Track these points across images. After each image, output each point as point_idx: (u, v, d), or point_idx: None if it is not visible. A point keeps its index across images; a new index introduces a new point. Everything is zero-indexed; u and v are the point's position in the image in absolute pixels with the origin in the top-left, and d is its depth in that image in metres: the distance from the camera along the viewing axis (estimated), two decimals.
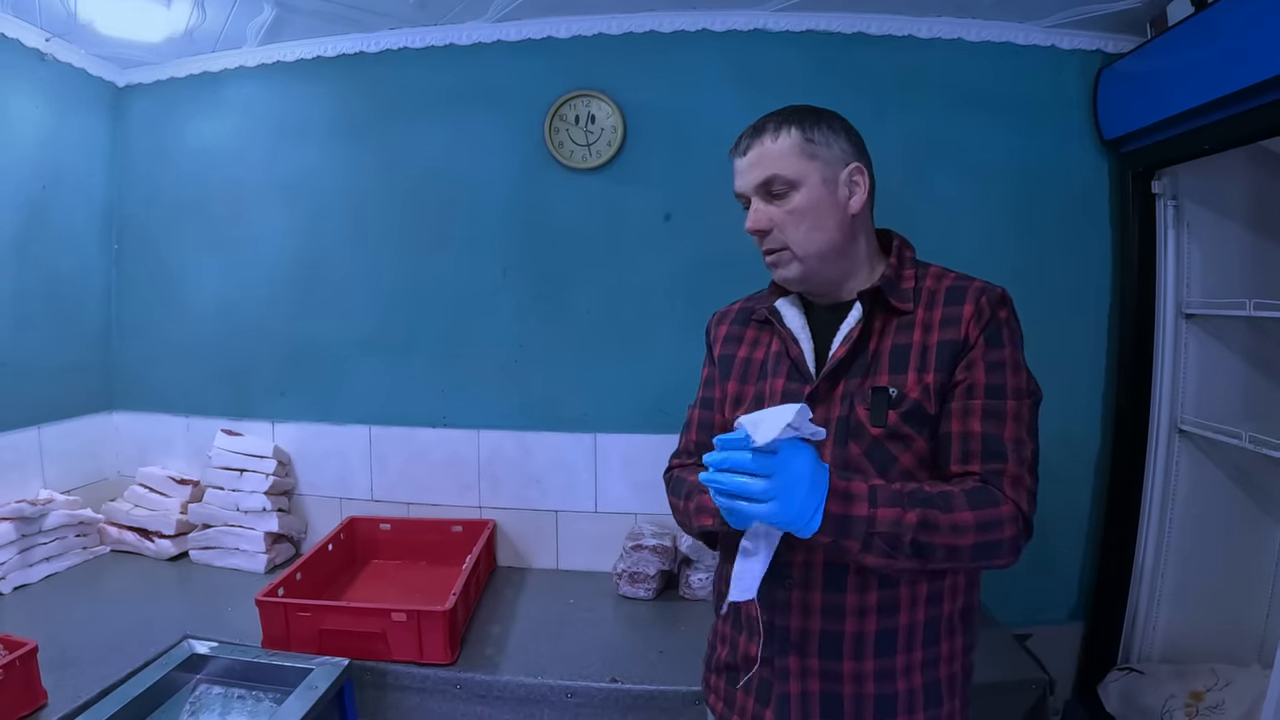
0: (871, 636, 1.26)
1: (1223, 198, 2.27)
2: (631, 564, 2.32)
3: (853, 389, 1.27)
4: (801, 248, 1.29)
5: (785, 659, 1.29)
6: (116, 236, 2.81)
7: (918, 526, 1.10)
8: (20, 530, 2.28)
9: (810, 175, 1.28)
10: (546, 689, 1.87)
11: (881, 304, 1.30)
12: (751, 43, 2.40)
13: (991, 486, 1.18)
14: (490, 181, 2.53)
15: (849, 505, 1.09)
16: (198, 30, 2.49)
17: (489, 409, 2.58)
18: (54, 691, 1.68)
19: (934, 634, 1.29)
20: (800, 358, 1.33)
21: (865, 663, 1.26)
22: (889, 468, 1.24)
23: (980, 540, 1.13)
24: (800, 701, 1.28)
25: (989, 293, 1.28)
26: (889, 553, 1.12)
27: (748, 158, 1.31)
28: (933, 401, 1.24)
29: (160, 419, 2.79)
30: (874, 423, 1.24)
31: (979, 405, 1.22)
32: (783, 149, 1.28)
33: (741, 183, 1.33)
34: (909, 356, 1.26)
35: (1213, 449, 2.30)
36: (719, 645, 1.45)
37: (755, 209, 1.31)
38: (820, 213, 1.29)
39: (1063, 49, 2.38)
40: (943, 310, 1.28)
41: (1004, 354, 1.25)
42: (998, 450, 1.21)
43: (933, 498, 1.13)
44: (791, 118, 1.30)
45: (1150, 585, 2.36)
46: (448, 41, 2.51)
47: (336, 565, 2.43)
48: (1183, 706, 2.09)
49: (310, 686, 1.74)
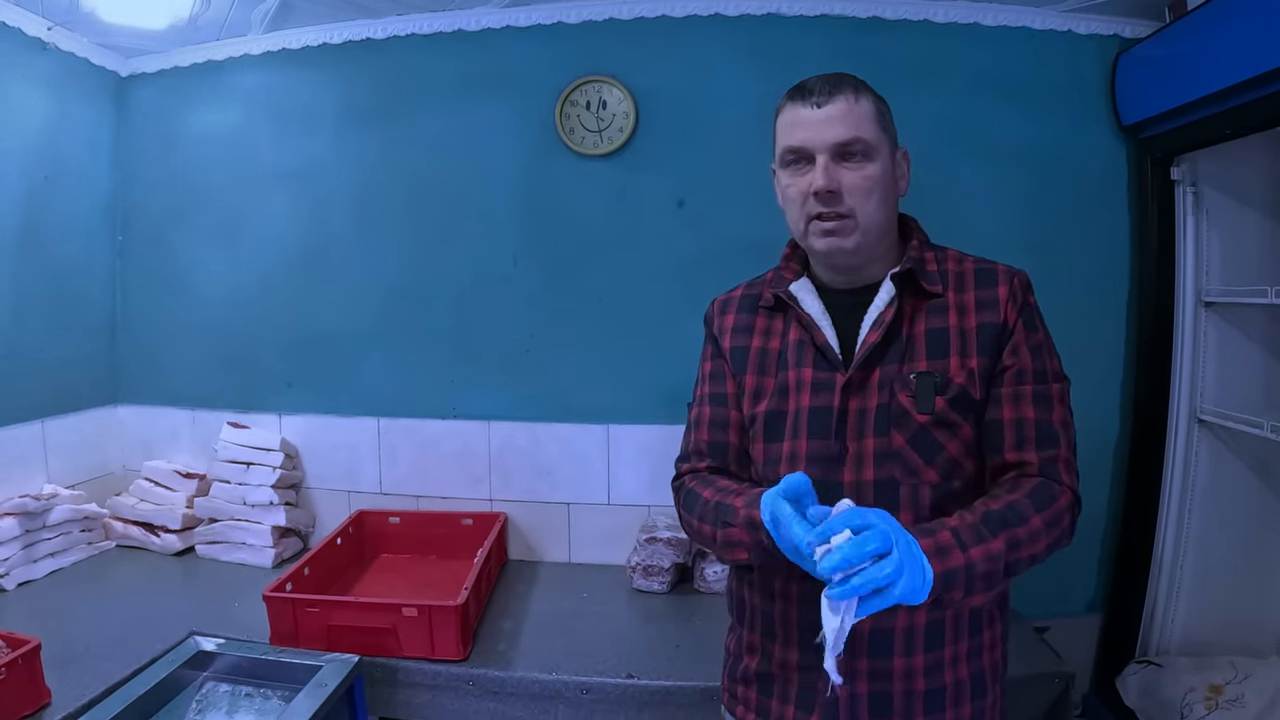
0: (921, 629, 1.22)
1: (1242, 184, 2.24)
2: (645, 557, 2.30)
3: (891, 375, 1.23)
4: (866, 219, 1.23)
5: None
6: (120, 228, 2.78)
7: (1007, 550, 1.07)
8: (24, 526, 2.25)
9: (883, 147, 1.24)
10: (561, 685, 1.84)
11: (911, 287, 1.26)
12: (765, 27, 2.37)
13: (1048, 479, 1.17)
14: (500, 169, 2.50)
15: (946, 560, 1.02)
16: (201, 18, 2.46)
17: (499, 400, 2.55)
18: (58, 689, 1.66)
19: (977, 622, 1.26)
20: (826, 344, 1.28)
21: (915, 658, 1.23)
22: (935, 456, 1.21)
23: (1050, 538, 1.13)
24: (849, 704, 1.24)
25: (1018, 276, 1.26)
26: (988, 587, 1.09)
27: (825, 110, 1.21)
28: (978, 387, 1.21)
29: (166, 412, 2.76)
30: (921, 409, 1.21)
31: (1029, 390, 1.20)
32: (865, 112, 1.23)
33: (812, 135, 1.22)
34: (948, 341, 1.23)
35: (1233, 439, 2.27)
36: (745, 655, 1.39)
37: (828, 168, 1.21)
38: (888, 188, 1.25)
39: (1080, 34, 2.35)
40: (975, 293, 1.25)
41: (1041, 337, 1.24)
42: (1051, 435, 1.20)
43: (1006, 516, 1.10)
44: (865, 84, 1.25)
45: (1169, 577, 2.33)
46: (456, 27, 2.48)
47: (345, 559, 2.40)
48: (1202, 700, 2.08)
49: (320, 684, 1.71)
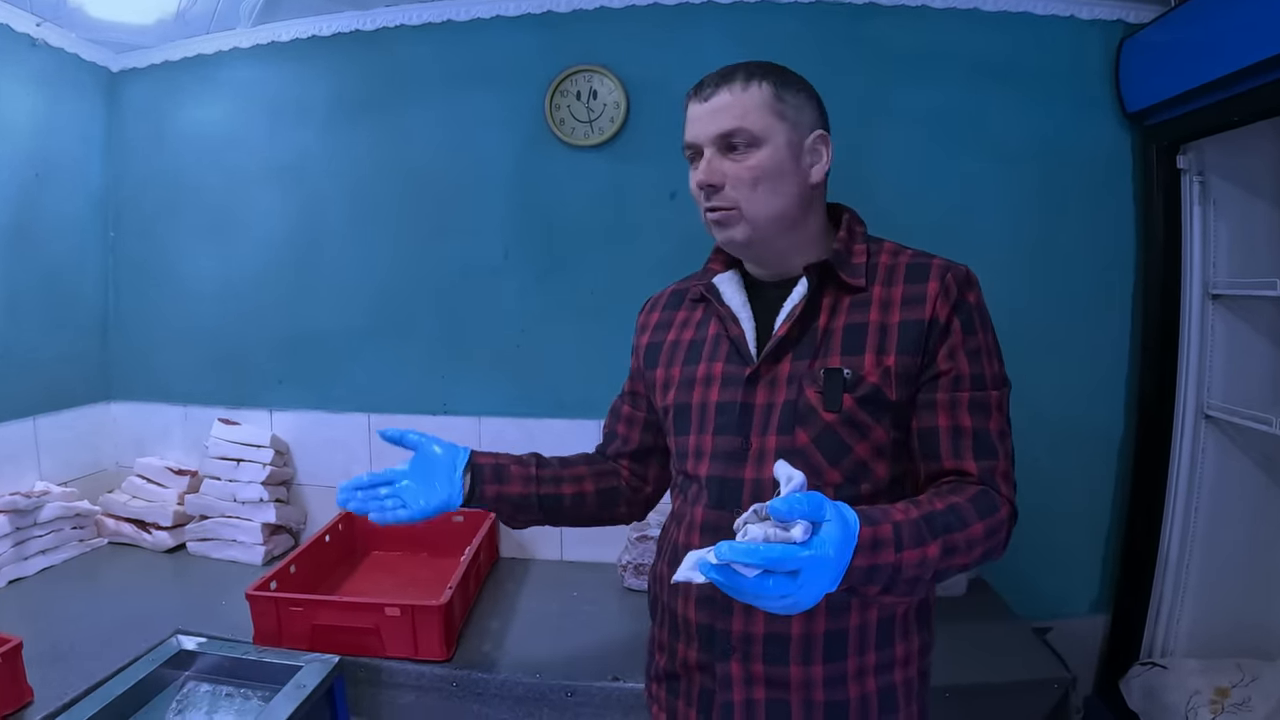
0: (820, 638, 1.18)
1: (1251, 173, 2.19)
2: (636, 555, 2.28)
3: (801, 371, 1.20)
4: (754, 210, 1.20)
5: (727, 664, 1.22)
6: (112, 224, 2.77)
7: (940, 558, 1.02)
8: (15, 523, 2.24)
9: (776, 135, 1.19)
10: (545, 688, 1.81)
11: (831, 279, 1.23)
12: (758, 15, 2.33)
13: (989, 489, 1.12)
14: (490, 160, 2.48)
15: (875, 555, 0.96)
16: (189, 12, 2.45)
17: (490, 395, 2.53)
18: (41, 688, 1.65)
19: (887, 635, 1.21)
20: (741, 338, 1.26)
21: (814, 667, 1.19)
22: (841, 458, 1.17)
23: (986, 547, 1.08)
24: (744, 710, 1.21)
25: (954, 270, 1.20)
26: (908, 592, 1.05)
27: (710, 104, 1.20)
28: (894, 387, 1.17)
29: (158, 408, 2.75)
30: (828, 407, 1.17)
31: (965, 398, 1.16)
32: (753, 101, 1.19)
33: (697, 130, 1.22)
34: (865, 337, 1.19)
35: (1240, 435, 2.23)
36: (657, 653, 1.38)
37: (709, 161, 1.21)
38: (780, 176, 1.20)
39: (1082, 19, 2.30)
40: (903, 288, 1.20)
41: (980, 340, 1.18)
42: (989, 446, 1.16)
43: (949, 519, 1.05)
44: (764, 71, 1.21)
45: (1175, 577, 2.30)
46: (445, 18, 2.45)
47: (334, 557, 2.39)
48: (1208, 703, 2.03)
49: (298, 685, 1.69)
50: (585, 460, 1.54)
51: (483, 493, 1.42)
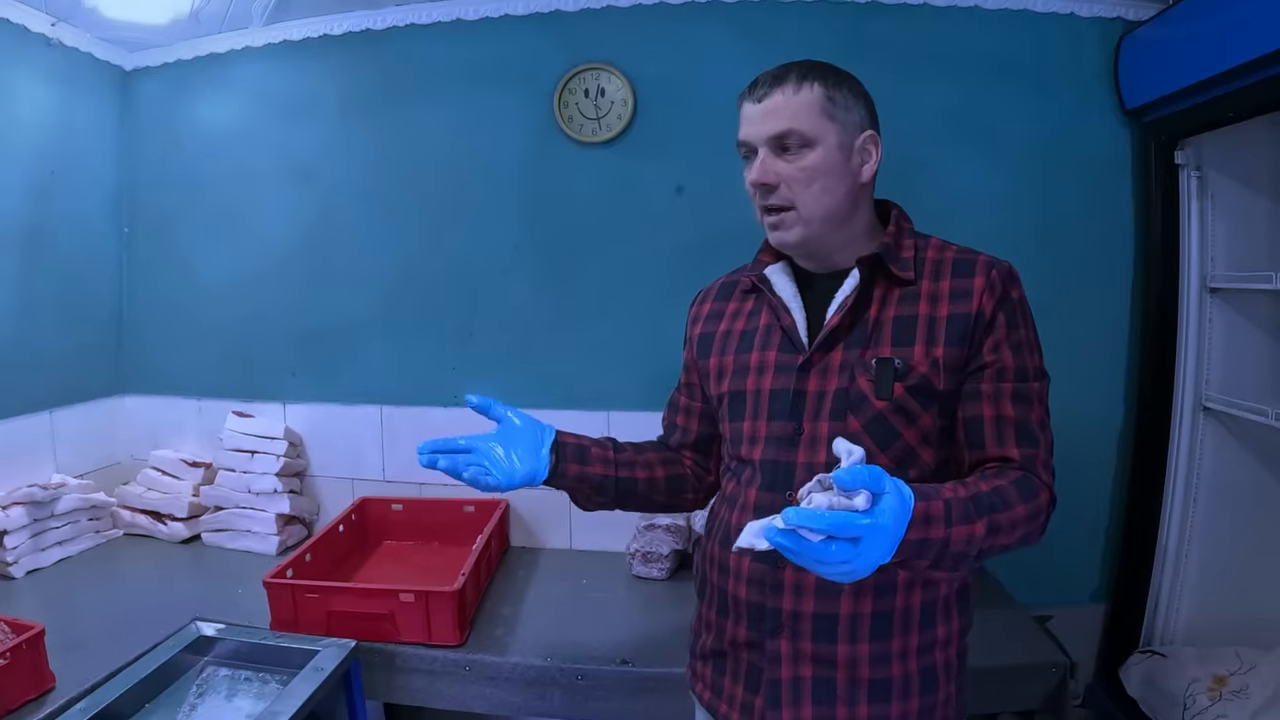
0: (867, 619, 1.22)
1: (1248, 168, 2.21)
2: (645, 544, 2.31)
3: (852, 360, 1.24)
4: (809, 209, 1.24)
5: (776, 642, 1.26)
6: (126, 220, 2.81)
7: (985, 536, 1.07)
8: (32, 514, 2.28)
9: (828, 136, 1.23)
10: (556, 671, 1.85)
11: (881, 272, 1.27)
12: (762, 12, 2.35)
13: (1030, 474, 1.17)
14: (499, 157, 2.51)
15: (928, 529, 1.01)
16: (203, 11, 2.48)
17: (501, 387, 2.51)
18: (62, 675, 1.68)
19: (930, 617, 1.26)
20: (792, 327, 1.30)
21: (860, 646, 1.23)
22: (890, 443, 1.21)
23: (1026, 531, 1.13)
24: (791, 687, 1.25)
25: (998, 267, 1.24)
26: (954, 567, 1.09)
27: (763, 105, 1.24)
28: (941, 377, 1.21)
29: (172, 402, 2.79)
30: (879, 394, 1.21)
31: (1009, 389, 1.20)
32: (805, 103, 1.23)
33: (752, 131, 1.26)
34: (915, 329, 1.23)
35: (1238, 427, 2.25)
36: (704, 632, 1.42)
37: (763, 161, 1.24)
38: (833, 176, 1.24)
39: (1082, 16, 2.33)
40: (950, 282, 1.24)
41: (1022, 334, 1.23)
42: (1031, 435, 1.20)
43: (994, 500, 1.10)
44: (815, 72, 1.25)
45: (1174, 566, 2.32)
46: (454, 16, 2.48)
47: (348, 546, 2.42)
48: (1206, 690, 2.06)
49: (316, 668, 1.74)
50: (654, 447, 1.57)
51: (565, 470, 1.44)
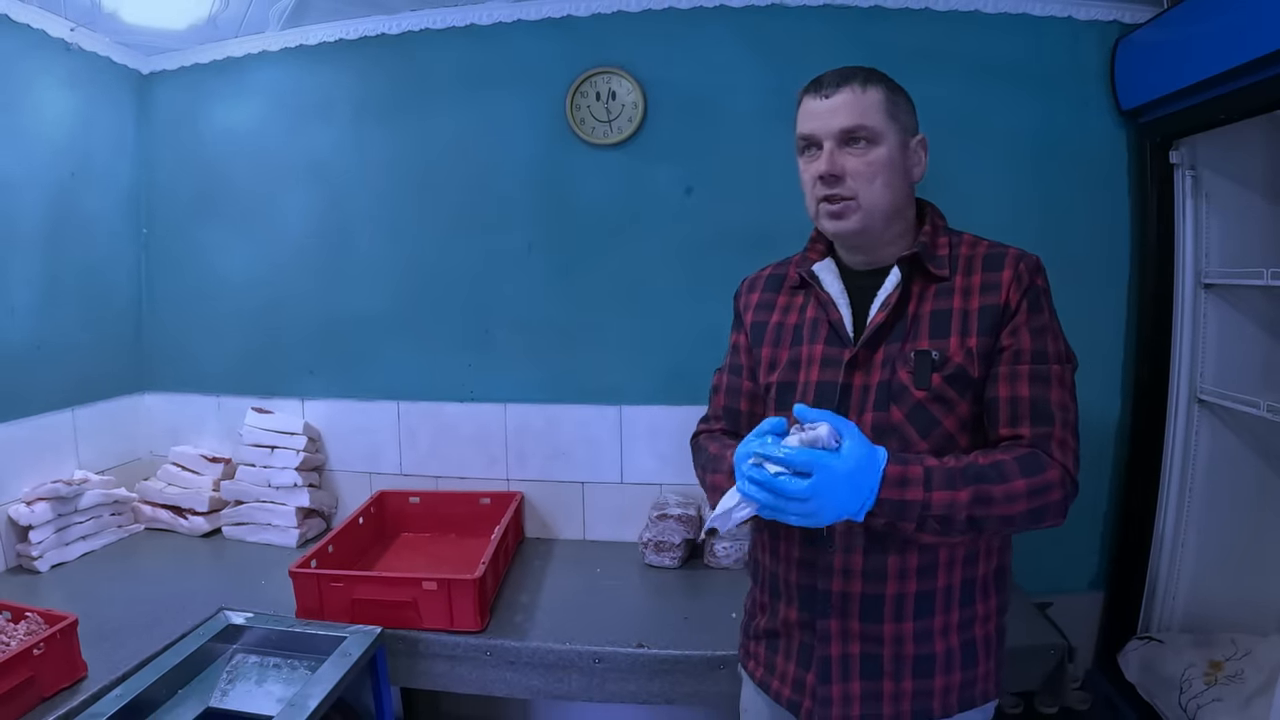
0: (911, 598, 1.29)
1: (1241, 167, 2.25)
2: (657, 533, 2.36)
3: (894, 354, 1.30)
4: (870, 202, 1.30)
5: (826, 622, 1.33)
6: (145, 221, 2.85)
7: (971, 503, 1.14)
8: (56, 510, 2.32)
9: (890, 135, 1.31)
10: (574, 655, 1.91)
11: (919, 270, 1.33)
12: (769, 17, 2.40)
13: (1040, 451, 1.22)
14: (513, 159, 2.56)
15: (904, 490, 1.12)
16: (220, 16, 2.53)
17: (515, 383, 2.61)
18: (94, 664, 1.72)
19: (970, 595, 1.33)
20: (840, 322, 1.36)
21: (905, 624, 1.30)
22: (931, 430, 1.28)
23: (1032, 506, 1.17)
24: (841, 663, 1.32)
25: (1026, 259, 1.32)
26: (942, 531, 1.16)
27: (832, 101, 1.30)
28: (976, 365, 1.27)
29: (191, 399, 2.84)
30: (918, 385, 1.28)
31: (1026, 370, 1.26)
32: (872, 102, 1.30)
33: (820, 124, 1.31)
34: (950, 321, 1.29)
35: (1232, 418, 2.29)
36: (758, 613, 1.48)
37: (831, 153, 1.30)
38: (893, 172, 1.32)
39: (1079, 19, 2.37)
40: (981, 276, 1.31)
41: (1045, 320, 1.29)
42: (1045, 413, 1.24)
43: (986, 471, 1.16)
44: (877, 75, 1.32)
45: (1170, 554, 2.36)
46: (469, 21, 2.52)
47: (367, 538, 2.47)
48: (1202, 675, 2.10)
49: (344, 654, 1.79)
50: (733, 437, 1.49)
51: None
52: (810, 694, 1.35)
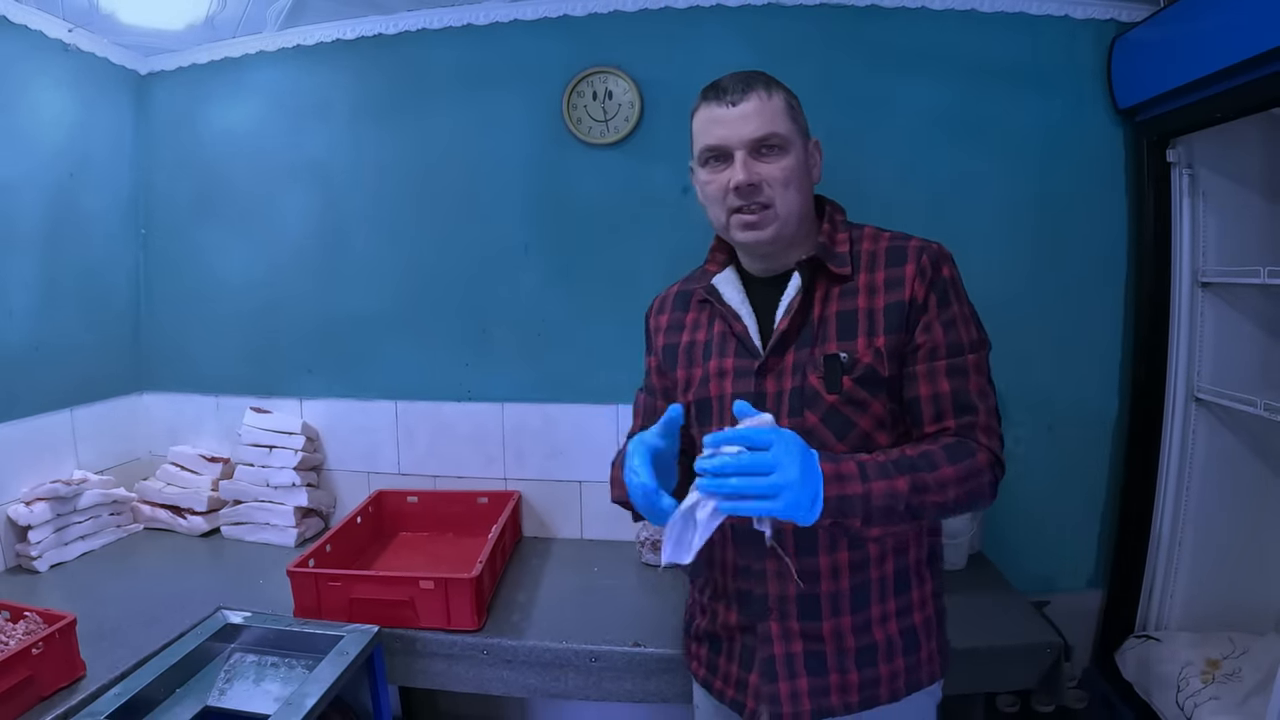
0: (846, 594, 1.31)
1: (1239, 165, 2.25)
2: (653, 532, 2.36)
3: (803, 359, 1.30)
4: (785, 209, 1.29)
5: (766, 624, 1.34)
6: (143, 221, 2.85)
7: (910, 492, 1.14)
8: (55, 510, 2.33)
9: (795, 140, 1.31)
10: (571, 653, 1.91)
11: (820, 271, 1.33)
12: (766, 17, 2.40)
13: (965, 439, 1.24)
14: (510, 158, 2.56)
15: (843, 486, 1.12)
16: (218, 17, 2.53)
17: (512, 382, 2.62)
18: (92, 663, 1.73)
19: (904, 583, 1.35)
20: (745, 334, 1.35)
21: (843, 619, 1.31)
22: (847, 432, 1.28)
23: (964, 490, 1.19)
24: (785, 662, 1.33)
25: (929, 251, 1.31)
26: (887, 521, 1.17)
27: (741, 108, 1.27)
28: (885, 364, 1.27)
29: (190, 399, 2.84)
30: (829, 389, 1.28)
31: (943, 365, 1.27)
32: (779, 107, 1.29)
33: (730, 133, 1.28)
34: (856, 322, 1.30)
35: (1229, 416, 2.29)
36: (698, 615, 1.49)
37: (747, 163, 1.27)
38: (802, 177, 1.32)
39: (1076, 18, 2.37)
40: (885, 273, 1.31)
41: (955, 311, 1.29)
42: (967, 404, 1.26)
43: (916, 461, 1.18)
44: (774, 81, 1.31)
45: (1168, 553, 2.36)
46: (465, 22, 2.52)
47: (365, 537, 2.48)
48: (1199, 674, 2.10)
49: (341, 653, 1.79)
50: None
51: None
52: (754, 694, 1.36)
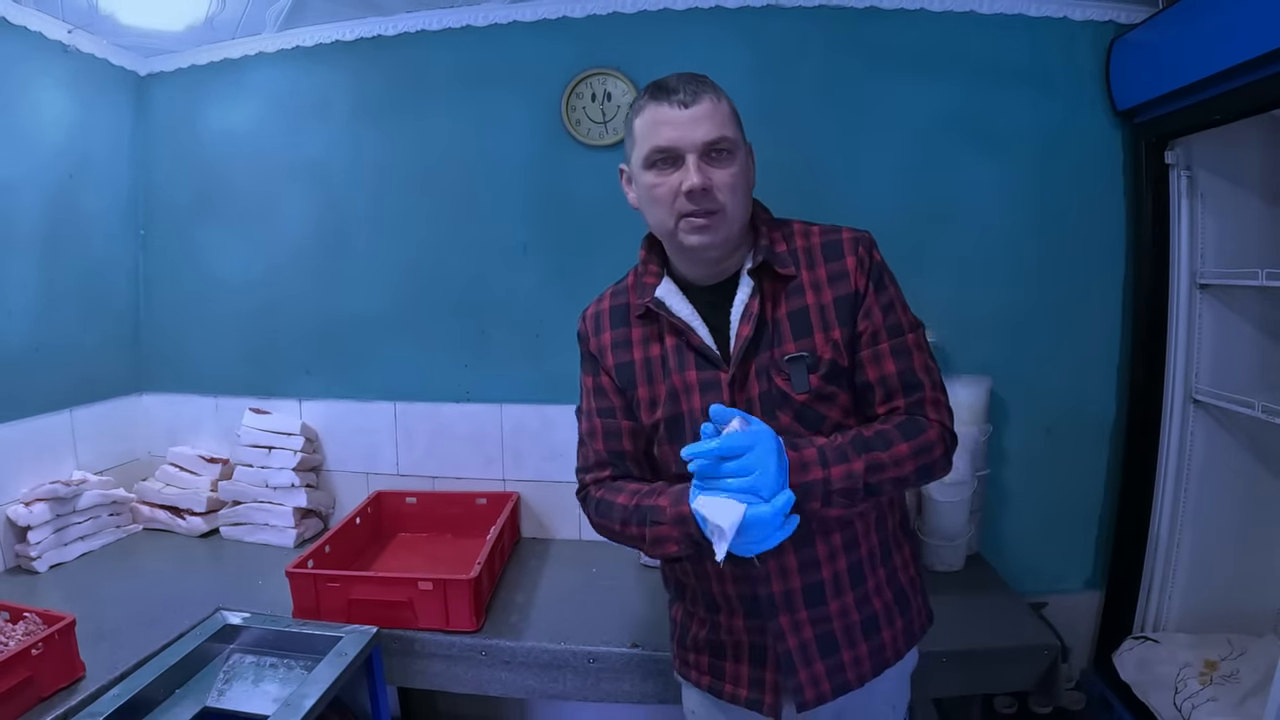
0: (845, 573, 1.35)
1: (1237, 167, 2.25)
2: None
3: (764, 363, 1.32)
4: (734, 212, 1.30)
5: (776, 621, 1.35)
6: (143, 222, 2.85)
7: (866, 471, 1.20)
8: (55, 510, 2.34)
9: (741, 143, 1.32)
10: (569, 654, 1.92)
11: (766, 273, 1.34)
12: (765, 19, 2.39)
13: (916, 415, 1.28)
14: (509, 160, 2.56)
15: (806, 473, 1.18)
16: (218, 18, 2.53)
17: (511, 384, 2.62)
18: (92, 664, 1.74)
19: (887, 551, 1.41)
20: (703, 345, 1.34)
21: (845, 597, 1.36)
22: (819, 425, 1.31)
23: (918, 464, 1.25)
24: (800, 652, 1.35)
25: (862, 240, 1.34)
26: (848, 503, 1.21)
27: (693, 111, 1.25)
28: (844, 355, 1.31)
29: (189, 399, 2.85)
30: (797, 390, 1.30)
31: (886, 347, 1.31)
32: (727, 111, 1.30)
33: (681, 135, 1.24)
34: (809, 319, 1.32)
35: (1227, 418, 2.29)
36: (693, 626, 1.48)
37: (700, 167, 1.25)
38: (748, 181, 1.34)
39: (1075, 20, 2.36)
40: (826, 268, 1.33)
41: (891, 294, 1.34)
42: (914, 381, 1.30)
43: (871, 441, 1.22)
44: (718, 86, 1.31)
45: (1166, 555, 2.36)
46: (464, 23, 2.52)
47: (364, 538, 2.48)
48: (1197, 675, 2.10)
49: (340, 654, 1.80)
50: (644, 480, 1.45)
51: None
52: (772, 689, 1.38)
